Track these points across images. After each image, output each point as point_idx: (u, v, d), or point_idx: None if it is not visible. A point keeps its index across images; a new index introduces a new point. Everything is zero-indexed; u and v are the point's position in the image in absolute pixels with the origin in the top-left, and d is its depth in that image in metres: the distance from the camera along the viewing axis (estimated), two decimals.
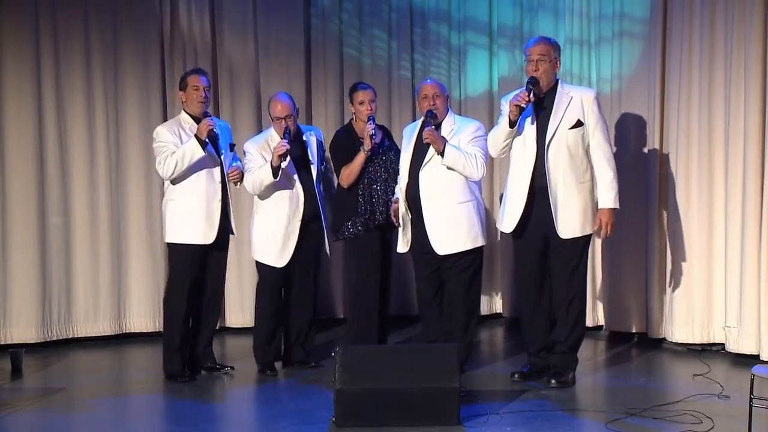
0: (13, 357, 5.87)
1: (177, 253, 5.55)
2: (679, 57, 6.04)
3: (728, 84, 5.77)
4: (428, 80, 5.75)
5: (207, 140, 5.42)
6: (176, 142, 5.47)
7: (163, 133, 5.52)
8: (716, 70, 5.88)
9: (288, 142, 5.46)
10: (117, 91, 6.80)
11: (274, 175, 5.46)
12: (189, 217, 5.49)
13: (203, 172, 5.49)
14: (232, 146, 5.70)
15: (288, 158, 5.49)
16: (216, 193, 5.53)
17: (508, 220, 5.26)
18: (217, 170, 5.54)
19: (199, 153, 5.40)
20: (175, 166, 5.41)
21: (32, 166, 6.53)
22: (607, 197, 5.18)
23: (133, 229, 6.83)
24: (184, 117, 5.61)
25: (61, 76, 6.63)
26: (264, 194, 5.61)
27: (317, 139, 5.83)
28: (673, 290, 6.08)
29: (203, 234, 5.49)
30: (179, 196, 5.51)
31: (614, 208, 5.19)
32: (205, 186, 5.49)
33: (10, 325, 6.45)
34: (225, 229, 5.62)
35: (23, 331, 6.45)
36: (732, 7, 5.73)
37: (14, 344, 6.25)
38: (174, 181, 5.52)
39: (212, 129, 5.44)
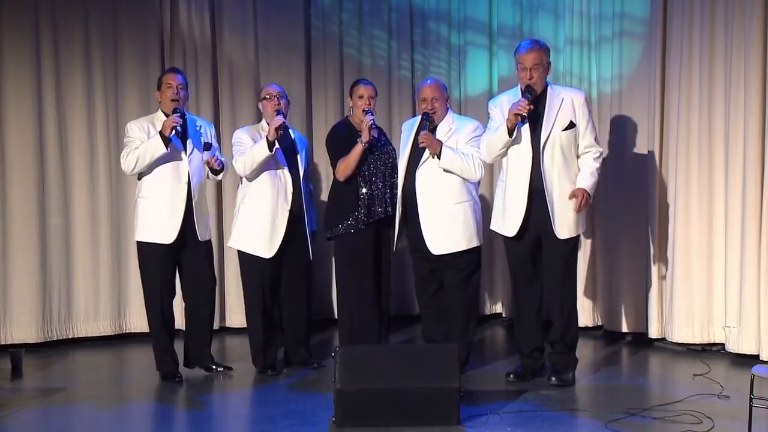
0: (13, 357, 5.88)
1: (141, 251, 5.55)
2: (679, 57, 6.04)
3: (728, 84, 5.77)
4: (428, 81, 5.68)
5: (172, 137, 5.38)
6: (143, 138, 5.45)
7: (132, 129, 5.52)
8: (716, 70, 5.88)
9: (283, 118, 5.48)
10: (117, 91, 6.79)
11: (270, 148, 5.43)
12: (153, 215, 5.47)
13: (168, 171, 5.46)
14: (207, 146, 5.64)
15: (280, 138, 5.45)
16: (180, 192, 5.47)
17: (509, 224, 5.24)
18: (183, 169, 5.48)
19: (161, 150, 5.36)
20: (137, 161, 5.40)
21: (32, 167, 6.52)
22: (587, 180, 5.15)
23: (133, 229, 6.81)
24: (159, 115, 5.58)
25: (61, 76, 6.63)
26: (254, 176, 5.53)
27: (305, 146, 5.82)
28: (673, 290, 6.07)
29: (163, 233, 5.45)
30: (147, 194, 5.50)
31: (590, 194, 5.16)
32: (169, 185, 5.46)
33: (10, 325, 6.45)
34: (191, 229, 5.53)
35: (23, 331, 6.45)
36: (732, 7, 5.73)
37: (14, 344, 6.26)
38: (141, 178, 5.51)
39: (177, 126, 5.37)
